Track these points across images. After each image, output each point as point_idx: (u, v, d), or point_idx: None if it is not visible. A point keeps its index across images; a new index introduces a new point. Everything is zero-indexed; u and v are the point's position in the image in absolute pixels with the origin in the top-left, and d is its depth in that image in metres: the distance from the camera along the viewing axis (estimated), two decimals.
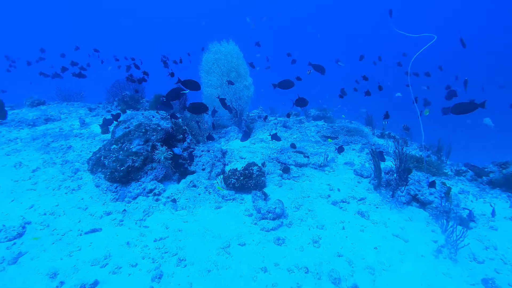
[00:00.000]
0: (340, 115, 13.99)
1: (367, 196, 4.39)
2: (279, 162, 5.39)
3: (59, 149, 5.41)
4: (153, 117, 5.21)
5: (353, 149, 6.69)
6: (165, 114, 5.83)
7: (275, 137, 4.80)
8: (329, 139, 7.30)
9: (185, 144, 5.68)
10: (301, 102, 4.33)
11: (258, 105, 11.83)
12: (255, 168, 4.62)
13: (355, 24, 53.72)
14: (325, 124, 10.53)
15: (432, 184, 4.29)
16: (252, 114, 10.62)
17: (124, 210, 3.90)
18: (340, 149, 4.85)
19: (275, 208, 3.76)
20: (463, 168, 7.41)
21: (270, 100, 14.28)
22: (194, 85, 3.82)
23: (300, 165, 5.30)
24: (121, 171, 4.32)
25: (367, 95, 5.81)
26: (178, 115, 7.75)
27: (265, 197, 4.15)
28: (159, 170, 4.62)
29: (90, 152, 5.35)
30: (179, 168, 5.09)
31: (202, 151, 5.82)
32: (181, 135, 5.82)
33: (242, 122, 9.63)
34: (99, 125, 6.54)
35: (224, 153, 6.09)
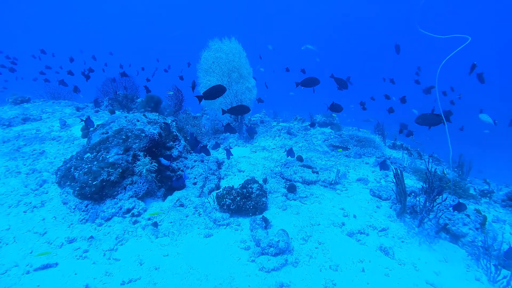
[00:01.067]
0: (346, 122, 13.27)
1: (389, 226, 3.62)
2: (283, 178, 4.64)
3: (29, 154, 4.69)
4: (138, 121, 4.48)
5: (366, 163, 5.93)
6: (153, 117, 5.11)
7: (290, 153, 4.14)
8: (339, 149, 6.55)
9: (176, 152, 4.94)
10: (335, 107, 4.11)
11: (260, 109, 11.10)
12: (255, 186, 3.87)
13: (366, 31, 53.00)
14: (332, 131, 9.79)
15: (459, 208, 3.53)
16: (254, 119, 9.89)
17: (91, 237, 3.15)
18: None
19: (278, 241, 3.01)
20: (486, 187, 6.64)
21: (273, 104, 13.54)
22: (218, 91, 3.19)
23: (308, 183, 4.54)
24: (94, 185, 3.59)
25: (390, 112, 5.21)
26: (172, 119, 7.03)
27: (266, 224, 3.40)
28: (140, 185, 3.88)
29: (66, 159, 4.62)
30: (166, 182, 4.35)
31: (195, 161, 5.08)
32: (172, 142, 5.09)
33: (243, 127, 8.89)
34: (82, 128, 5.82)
35: (220, 164, 5.34)
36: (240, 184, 3.91)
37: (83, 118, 6.97)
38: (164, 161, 4.42)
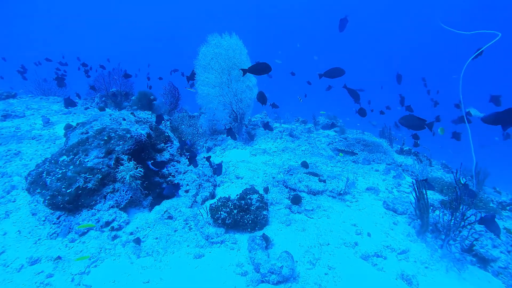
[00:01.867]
0: (350, 124, 12.76)
1: (409, 247, 3.12)
2: (286, 187, 4.14)
3: (3, 155, 4.19)
4: (124, 119, 3.98)
5: (376, 170, 5.43)
6: (143, 116, 4.61)
7: (304, 165, 3.73)
8: (340, 154, 6.05)
9: (167, 155, 4.44)
10: (362, 112, 4.18)
11: (261, 109, 10.58)
12: (254, 196, 3.37)
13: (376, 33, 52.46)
14: (336, 134, 9.30)
15: (486, 222, 3.01)
16: (255, 119, 9.39)
17: (59, 257, 2.65)
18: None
19: (282, 267, 2.51)
20: (504, 199, 6.16)
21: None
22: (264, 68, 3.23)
23: (314, 193, 4.04)
24: (67, 194, 3.09)
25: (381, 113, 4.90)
26: (166, 118, 6.53)
27: (267, 244, 2.90)
28: (123, 194, 3.38)
29: (39, 162, 4.12)
30: (155, 189, 3.85)
31: (189, 165, 4.58)
32: (163, 143, 4.59)
33: (243, 128, 8.39)
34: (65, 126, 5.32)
35: (216, 170, 4.84)
36: (237, 195, 3.41)
37: (70, 111, 6.48)
38: (151, 166, 3.93)
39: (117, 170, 3.39)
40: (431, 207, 4.01)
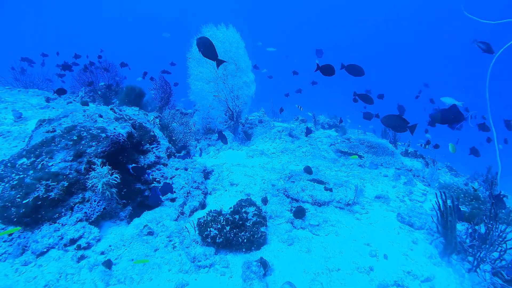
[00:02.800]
0: (351, 124, 12.30)
1: (434, 273, 2.63)
2: (288, 197, 3.62)
3: None
4: (101, 116, 3.42)
5: (385, 176, 4.95)
6: (128, 113, 4.06)
7: (307, 170, 3.26)
8: (353, 156, 5.56)
9: (153, 158, 3.90)
10: (367, 116, 4.20)
11: (259, 106, 10.03)
12: (250, 210, 2.85)
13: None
14: (338, 135, 8.81)
15: None
16: (252, 118, 8.84)
17: None
18: None
19: None
20: None
21: (272, 101, 12.50)
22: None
23: (319, 204, 3.53)
24: (24, 205, 2.54)
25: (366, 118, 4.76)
26: (155, 115, 5.98)
27: (265, 270, 2.38)
28: (94, 205, 2.83)
29: None
30: (135, 198, 3.32)
31: (177, 168, 4.05)
32: (148, 144, 4.04)
33: (239, 127, 7.86)
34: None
35: (208, 174, 4.31)
36: (231, 208, 2.89)
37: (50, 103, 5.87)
38: (133, 171, 3.39)
39: (88, 176, 2.84)
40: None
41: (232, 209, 2.84)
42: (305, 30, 55.75)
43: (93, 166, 2.88)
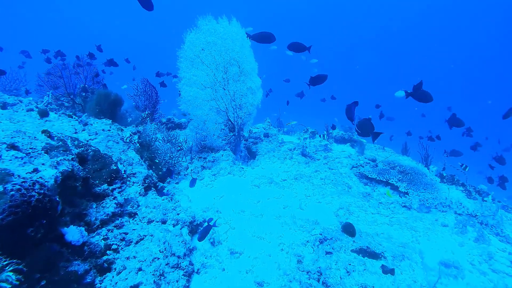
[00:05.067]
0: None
1: None
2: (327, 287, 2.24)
3: None
4: (13, 147, 2.02)
5: (444, 225, 3.58)
6: (94, 129, 2.69)
7: (348, 231, 1.86)
8: (387, 192, 4.19)
9: (112, 206, 2.52)
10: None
11: (263, 117, 8.64)
12: None
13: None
14: (357, 152, 7.47)
15: None
16: (256, 130, 7.46)
17: None
18: None
19: None
20: None
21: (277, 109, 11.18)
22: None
23: None
24: None
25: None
26: (133, 130, 4.61)
27: None
28: None
29: None
30: (69, 285, 1.93)
31: (151, 221, 2.67)
32: (106, 184, 2.67)
33: (241, 143, 6.48)
34: None
35: (197, 226, 2.90)
36: None
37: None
38: (70, 237, 2.03)
39: None
40: None
41: None
42: (317, 32, 54.57)
43: None
